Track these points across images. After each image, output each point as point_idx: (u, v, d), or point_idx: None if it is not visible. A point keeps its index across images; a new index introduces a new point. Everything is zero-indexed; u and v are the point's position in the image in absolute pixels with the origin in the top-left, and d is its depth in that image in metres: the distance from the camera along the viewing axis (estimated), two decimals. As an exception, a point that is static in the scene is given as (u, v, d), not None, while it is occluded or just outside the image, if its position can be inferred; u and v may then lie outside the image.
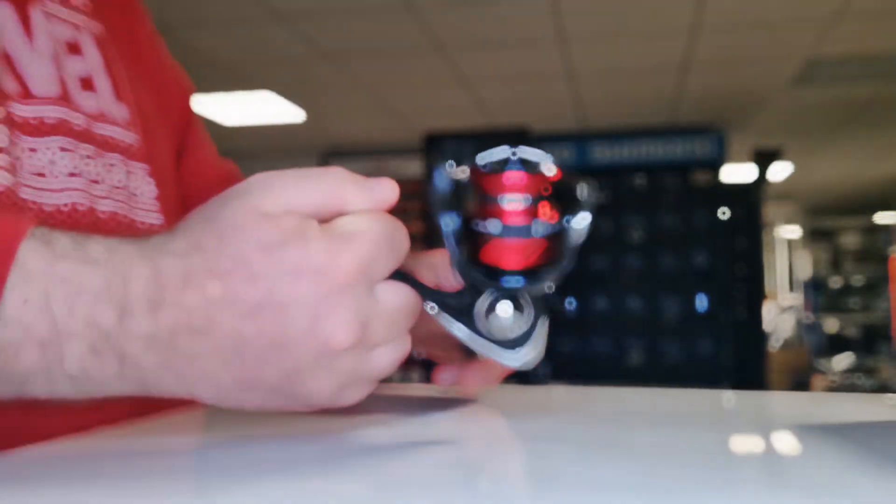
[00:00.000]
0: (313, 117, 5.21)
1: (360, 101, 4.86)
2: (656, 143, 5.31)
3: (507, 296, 0.44)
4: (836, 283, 8.83)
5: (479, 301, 0.44)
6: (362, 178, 0.43)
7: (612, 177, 5.32)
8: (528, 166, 0.44)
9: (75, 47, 0.61)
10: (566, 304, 0.48)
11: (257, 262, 0.39)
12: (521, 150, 0.44)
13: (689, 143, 5.27)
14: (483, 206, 0.44)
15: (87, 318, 0.38)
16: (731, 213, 5.32)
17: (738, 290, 5.37)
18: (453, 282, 0.46)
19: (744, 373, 5.14)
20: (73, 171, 0.56)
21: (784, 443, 0.49)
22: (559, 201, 0.45)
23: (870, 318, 8.31)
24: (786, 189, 8.52)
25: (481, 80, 4.44)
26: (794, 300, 9.10)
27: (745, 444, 0.49)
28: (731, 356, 5.15)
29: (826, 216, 9.57)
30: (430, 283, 0.45)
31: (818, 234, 9.49)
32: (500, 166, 0.43)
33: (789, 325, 8.48)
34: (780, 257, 10.21)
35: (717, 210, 5.20)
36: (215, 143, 0.82)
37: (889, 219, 9.13)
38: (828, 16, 3.46)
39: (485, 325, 0.45)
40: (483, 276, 0.44)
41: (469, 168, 0.44)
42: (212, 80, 4.35)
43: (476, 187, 0.44)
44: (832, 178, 8.00)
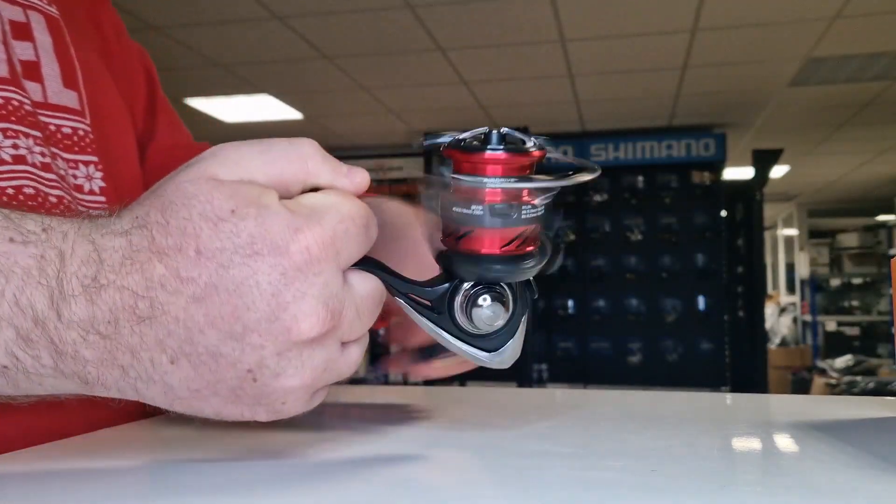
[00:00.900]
0: (313, 117, 5.21)
1: (360, 101, 4.86)
2: (656, 144, 5.31)
3: (488, 288, 0.40)
4: (835, 282, 8.83)
5: (458, 295, 0.40)
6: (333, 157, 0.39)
7: (612, 177, 5.33)
8: (510, 145, 0.39)
9: (24, 29, 0.57)
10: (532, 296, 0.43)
11: (206, 236, 0.34)
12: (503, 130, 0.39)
13: (689, 144, 5.27)
14: (462, 187, 0.40)
15: (16, 301, 0.33)
16: (730, 213, 5.32)
17: (738, 290, 5.38)
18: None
19: (744, 373, 5.14)
20: (18, 155, 0.52)
21: (783, 443, 0.49)
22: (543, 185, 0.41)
23: (869, 318, 8.32)
24: (785, 189, 8.52)
25: (481, 80, 4.44)
26: (793, 300, 9.11)
27: (744, 445, 0.49)
28: (731, 356, 5.15)
29: (826, 216, 9.57)
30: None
31: (818, 233, 9.49)
32: (481, 145, 0.39)
33: (789, 325, 8.49)
34: (779, 257, 10.21)
35: (716, 210, 5.20)
36: (216, 142, 0.80)
37: (889, 218, 9.13)
38: (828, 16, 3.46)
39: (463, 319, 0.41)
40: (463, 264, 0.40)
41: (448, 147, 0.40)
42: (211, 82, 4.35)
43: (456, 168, 0.40)
44: (832, 178, 8.00)
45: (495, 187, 0.38)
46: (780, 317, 8.75)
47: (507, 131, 0.39)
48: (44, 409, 0.40)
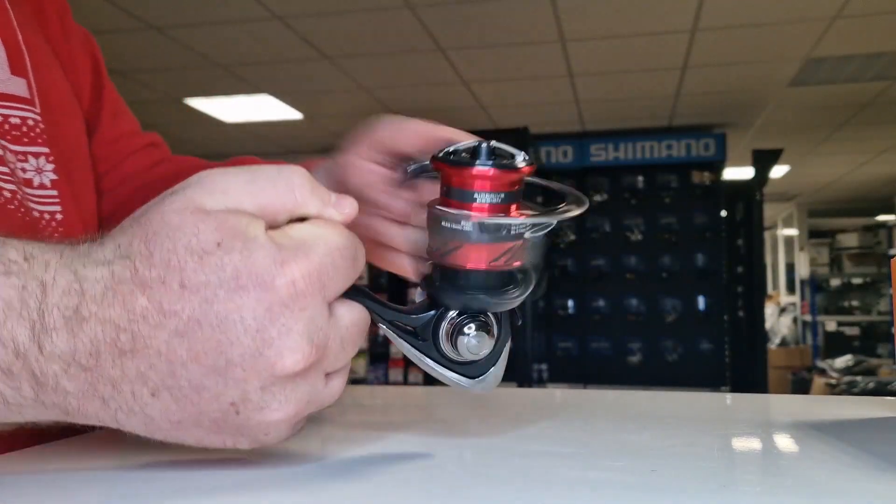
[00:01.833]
0: (312, 117, 5.21)
1: (360, 101, 4.86)
2: (656, 144, 5.31)
3: (472, 317, 0.40)
4: (835, 282, 8.83)
5: (444, 322, 0.40)
6: (319, 184, 0.38)
7: (613, 177, 5.33)
8: (499, 160, 0.39)
9: None
10: (517, 320, 0.43)
11: (191, 270, 0.33)
12: (493, 144, 0.39)
13: (689, 144, 5.27)
14: (449, 201, 0.39)
15: None
16: (730, 213, 5.32)
17: (738, 290, 5.38)
18: (364, 189, 0.41)
19: (744, 373, 5.14)
20: None
21: (783, 443, 0.49)
22: (531, 201, 0.42)
23: (869, 318, 8.32)
24: (785, 189, 8.52)
25: (481, 80, 4.44)
26: (793, 300, 9.11)
27: (744, 445, 0.49)
28: (731, 356, 5.15)
29: (826, 216, 9.57)
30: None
31: (818, 233, 9.48)
32: (470, 159, 0.39)
33: (789, 325, 8.49)
34: (779, 257, 10.21)
35: (717, 210, 5.20)
36: (214, 142, 0.78)
37: (889, 218, 9.13)
38: (828, 16, 3.46)
39: (447, 347, 0.40)
40: (448, 291, 0.40)
41: (436, 160, 0.40)
42: (211, 82, 4.35)
43: (445, 181, 0.39)
44: (832, 178, 8.00)
45: (481, 212, 0.38)
46: (780, 317, 8.75)
47: (496, 145, 0.39)
48: None
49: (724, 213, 5.23)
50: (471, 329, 0.40)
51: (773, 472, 0.41)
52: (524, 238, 0.40)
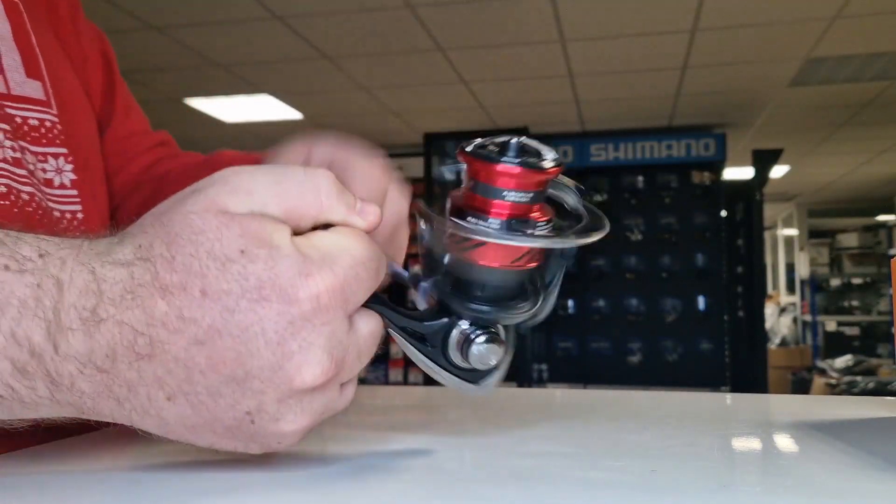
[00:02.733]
0: (313, 117, 5.21)
1: (360, 101, 4.86)
2: (656, 144, 5.31)
3: (485, 328, 0.40)
4: (835, 282, 8.83)
5: (454, 331, 0.40)
6: (346, 188, 0.37)
7: (613, 177, 5.33)
8: (526, 158, 0.38)
9: None
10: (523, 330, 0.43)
11: (213, 276, 0.32)
12: (522, 139, 0.38)
13: (689, 144, 5.27)
14: (472, 199, 0.38)
15: (12, 334, 0.32)
16: (730, 213, 5.32)
17: (738, 290, 5.38)
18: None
19: (744, 373, 5.14)
20: None
21: (783, 443, 0.49)
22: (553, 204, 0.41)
23: (869, 318, 8.32)
24: (785, 189, 8.52)
25: (481, 80, 4.44)
26: (793, 300, 9.11)
27: (744, 445, 0.49)
28: (731, 356, 5.15)
29: (826, 216, 9.57)
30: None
31: (818, 233, 9.48)
32: (496, 155, 0.38)
33: (789, 325, 8.49)
34: (779, 257, 10.21)
35: (717, 210, 5.21)
36: (214, 143, 0.78)
37: (889, 218, 9.13)
38: (828, 16, 3.46)
39: (457, 356, 0.40)
40: (460, 304, 0.40)
41: (461, 155, 0.39)
42: (211, 82, 4.35)
43: (471, 174, 0.39)
44: (832, 178, 8.00)
45: (503, 211, 0.38)
46: (780, 317, 8.75)
47: (526, 142, 0.38)
48: None
49: (724, 213, 5.24)
50: (482, 340, 0.40)
51: (773, 472, 0.41)
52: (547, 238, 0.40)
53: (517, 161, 0.37)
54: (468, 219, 0.38)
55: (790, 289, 9.55)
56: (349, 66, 4.17)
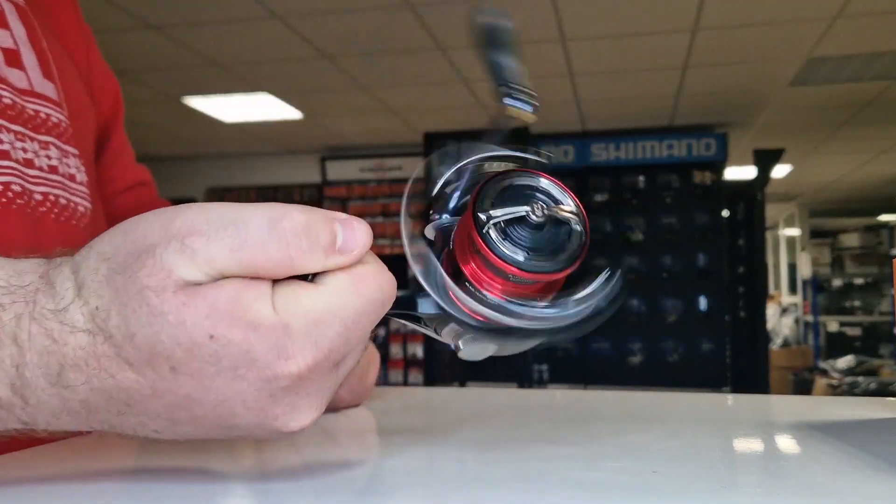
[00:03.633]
0: (312, 116, 5.21)
1: (360, 101, 4.86)
2: (657, 143, 5.31)
3: (483, 335, 0.39)
4: (837, 283, 8.82)
5: (451, 325, 0.39)
6: (323, 220, 0.32)
7: (613, 177, 5.33)
8: (538, 257, 0.39)
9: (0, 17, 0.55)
10: None
11: (180, 358, 0.30)
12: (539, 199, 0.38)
13: (690, 143, 5.27)
14: (479, 270, 0.38)
15: None
16: (732, 213, 5.32)
17: (740, 290, 5.38)
18: None
19: (745, 373, 5.14)
20: (2, 150, 0.50)
21: (784, 444, 0.48)
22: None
23: (871, 319, 8.31)
24: (787, 189, 8.52)
25: (481, 79, 4.44)
26: (795, 300, 9.10)
27: (745, 446, 0.49)
28: (733, 357, 5.15)
29: (827, 216, 9.56)
30: None
31: (819, 233, 9.48)
32: (508, 255, 0.38)
33: (790, 326, 8.49)
34: (781, 257, 10.21)
35: (718, 210, 5.20)
36: (213, 142, 0.78)
37: (891, 218, 9.13)
38: (828, 15, 3.46)
39: (449, 339, 0.39)
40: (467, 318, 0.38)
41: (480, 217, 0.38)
42: (211, 81, 4.35)
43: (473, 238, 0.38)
44: (833, 178, 7.99)
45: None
46: (781, 317, 8.74)
47: (542, 200, 0.39)
48: None
49: (725, 213, 5.23)
50: (475, 345, 0.38)
51: (774, 473, 0.41)
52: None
53: (529, 266, 0.39)
54: (468, 286, 0.37)
55: (792, 289, 9.54)
56: (349, 66, 4.17)
